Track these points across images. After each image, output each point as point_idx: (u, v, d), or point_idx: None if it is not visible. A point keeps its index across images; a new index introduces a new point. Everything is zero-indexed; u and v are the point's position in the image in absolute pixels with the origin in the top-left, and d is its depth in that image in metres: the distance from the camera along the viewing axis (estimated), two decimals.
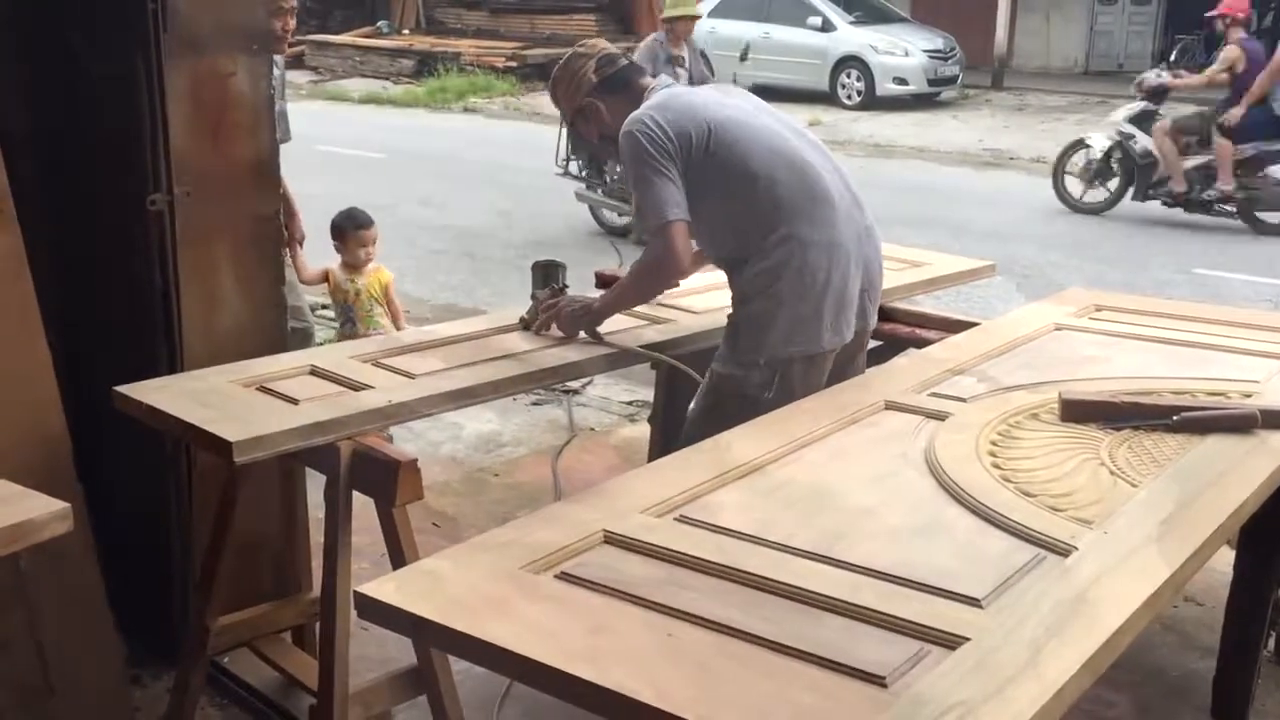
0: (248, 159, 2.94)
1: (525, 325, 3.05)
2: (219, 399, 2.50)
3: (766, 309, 2.83)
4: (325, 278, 4.69)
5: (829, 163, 2.95)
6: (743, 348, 2.85)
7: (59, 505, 1.97)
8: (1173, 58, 17.25)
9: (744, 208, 2.82)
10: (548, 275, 3.17)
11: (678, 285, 3.03)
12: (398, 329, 4.57)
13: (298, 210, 4.52)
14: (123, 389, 2.54)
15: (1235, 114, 8.63)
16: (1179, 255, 8.26)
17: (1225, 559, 2.93)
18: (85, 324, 3.02)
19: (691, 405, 2.96)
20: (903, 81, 16.24)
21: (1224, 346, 3.04)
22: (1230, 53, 9.02)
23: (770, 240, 2.80)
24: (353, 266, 4.63)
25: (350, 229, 4.60)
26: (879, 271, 3.03)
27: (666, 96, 2.90)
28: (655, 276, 2.91)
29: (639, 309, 3.18)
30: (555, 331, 3.01)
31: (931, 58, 16.44)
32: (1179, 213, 9.11)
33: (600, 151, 3.10)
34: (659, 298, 3.13)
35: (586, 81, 2.97)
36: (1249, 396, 2.65)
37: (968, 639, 1.63)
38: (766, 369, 2.82)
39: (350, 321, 4.64)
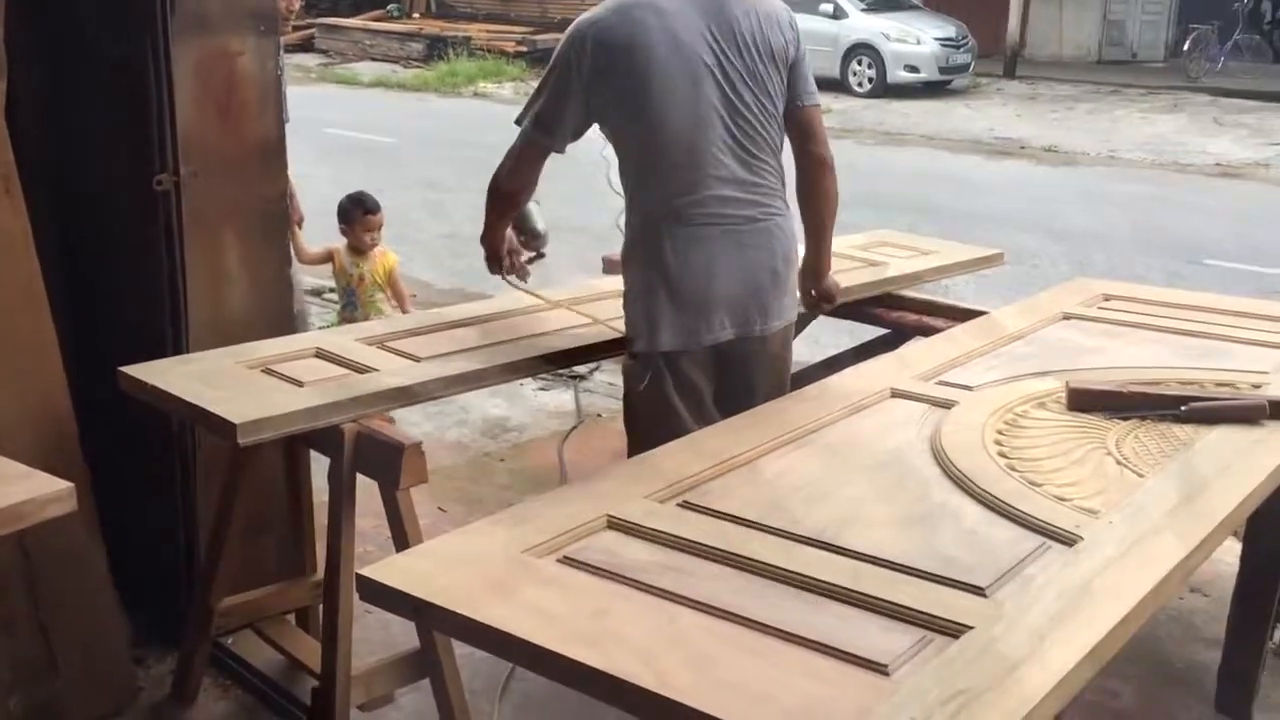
0: (255, 140, 2.93)
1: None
2: (224, 380, 2.50)
3: (629, 293, 2.69)
4: (329, 258, 4.67)
5: (761, 135, 2.64)
6: (627, 332, 2.73)
7: (62, 485, 1.97)
8: (1186, 46, 17.28)
9: (632, 159, 2.64)
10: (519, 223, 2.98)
11: (513, 204, 2.83)
12: (404, 313, 4.53)
13: (296, 192, 4.50)
14: (128, 369, 2.54)
15: None
16: None
17: (1232, 550, 2.92)
18: (91, 304, 3.02)
19: None
20: (914, 69, 16.18)
21: (1233, 337, 3.02)
22: None
23: (639, 207, 2.65)
24: (358, 250, 4.60)
25: (357, 214, 4.57)
26: (772, 275, 2.69)
27: None
28: (491, 182, 2.78)
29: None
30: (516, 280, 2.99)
31: (943, 45, 16.36)
32: None
33: None
34: None
35: None
36: (1258, 387, 2.63)
37: (971, 627, 1.62)
38: (639, 362, 2.69)
39: (352, 304, 4.63)
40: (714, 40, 2.58)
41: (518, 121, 2.69)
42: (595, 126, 2.68)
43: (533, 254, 3.01)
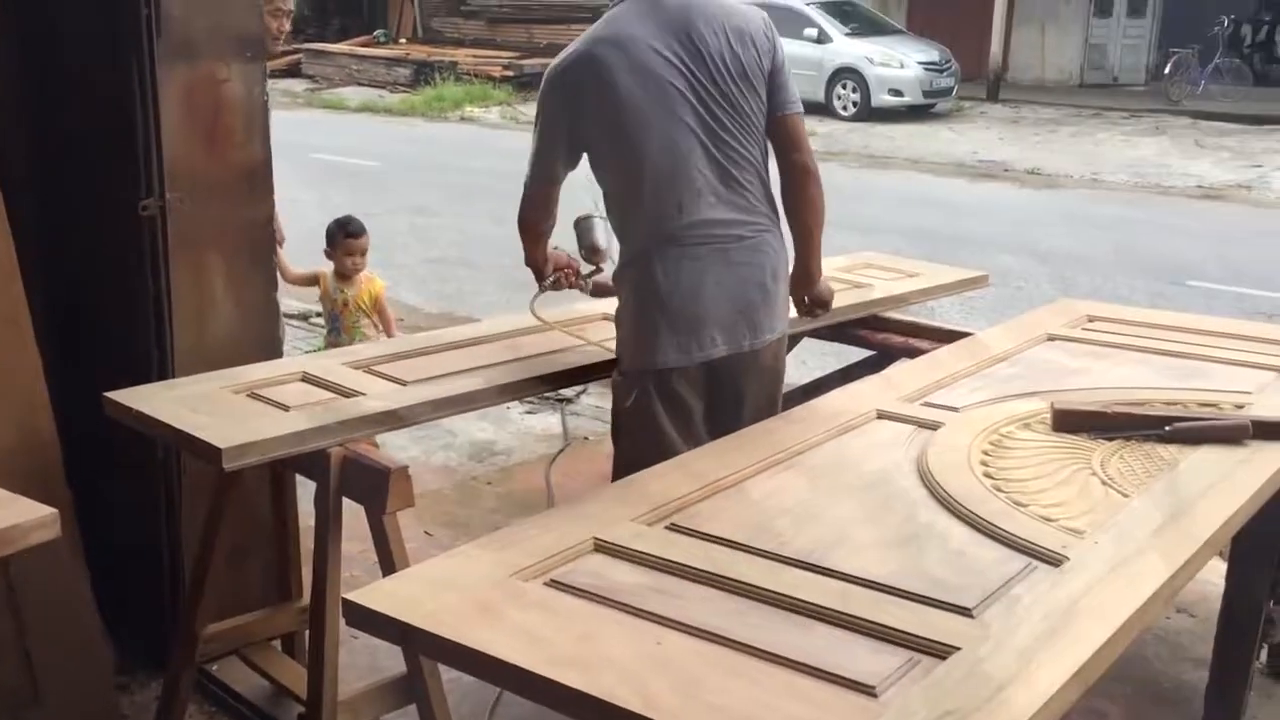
0: (241, 164, 2.94)
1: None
2: (209, 405, 2.49)
3: (621, 313, 2.77)
4: (315, 281, 4.64)
5: (741, 154, 2.66)
6: (617, 350, 2.81)
7: (46, 511, 1.96)
8: (1168, 70, 17.44)
9: (617, 188, 2.71)
10: (580, 234, 2.99)
11: (536, 234, 2.89)
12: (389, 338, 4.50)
13: (279, 214, 4.48)
14: (113, 395, 2.53)
15: None
16: None
17: (1217, 570, 2.93)
18: (76, 329, 3.01)
19: None
20: (898, 93, 16.30)
21: (1216, 357, 3.04)
22: None
23: (629, 234, 2.72)
24: (343, 275, 4.58)
25: (340, 237, 4.55)
26: (761, 290, 2.72)
27: (607, 24, 2.65)
28: (517, 216, 2.86)
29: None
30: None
31: (927, 70, 16.49)
32: None
33: None
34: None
35: None
36: (1241, 407, 2.64)
37: (958, 649, 1.62)
38: (626, 380, 2.74)
39: (336, 330, 4.59)
40: (683, 64, 2.60)
41: None
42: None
43: (592, 269, 3.02)
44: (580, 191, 2.83)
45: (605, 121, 2.61)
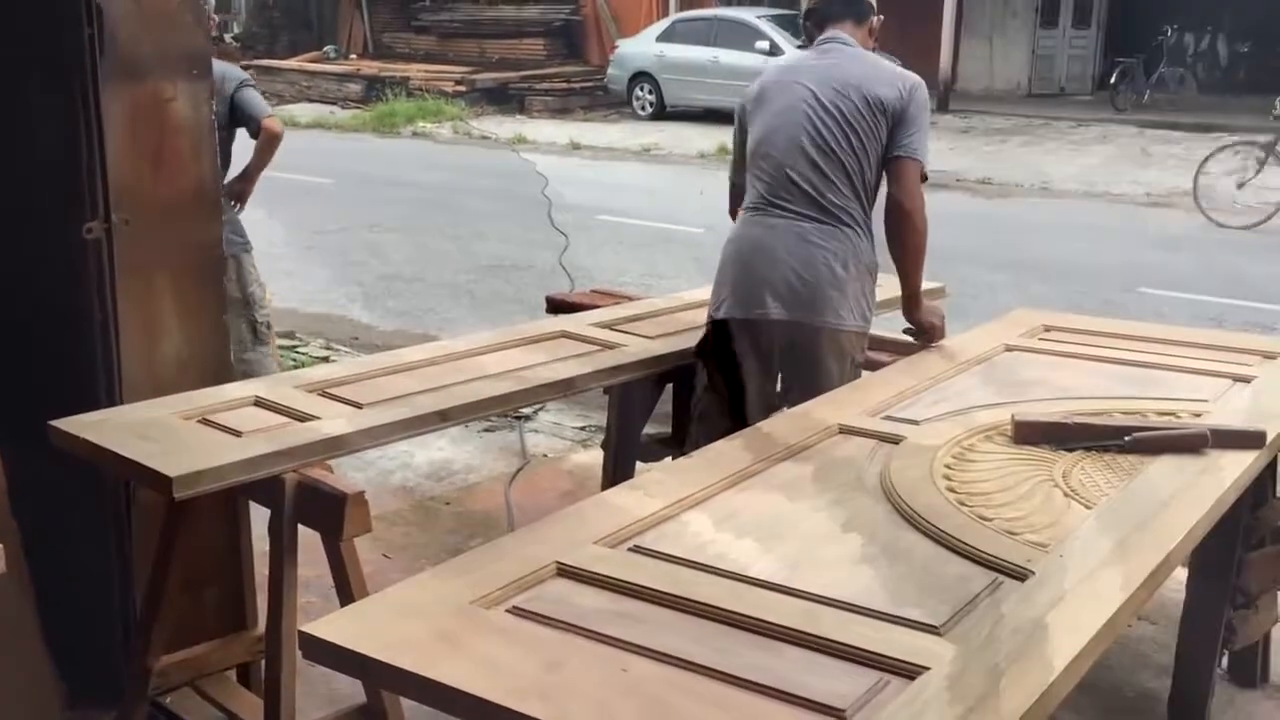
0: (188, 186, 2.88)
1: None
2: (159, 432, 2.44)
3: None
4: None
5: (841, 160, 3.07)
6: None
7: None
8: (1113, 79, 17.69)
9: (748, 163, 3.25)
10: None
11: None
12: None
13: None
14: (59, 423, 2.47)
15: None
16: None
17: (1177, 578, 2.94)
18: (19, 355, 2.94)
19: None
20: None
21: (1173, 366, 3.06)
22: None
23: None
24: None
25: None
26: (830, 271, 3.06)
27: (781, 62, 3.49)
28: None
29: (595, 335, 3.32)
30: None
31: None
32: None
33: None
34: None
35: None
36: (1199, 416, 2.66)
37: (927, 668, 1.60)
38: (705, 329, 3.21)
39: None
40: (813, 83, 3.12)
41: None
42: None
43: None
44: (535, 206, 2.80)
45: (756, 118, 3.20)
